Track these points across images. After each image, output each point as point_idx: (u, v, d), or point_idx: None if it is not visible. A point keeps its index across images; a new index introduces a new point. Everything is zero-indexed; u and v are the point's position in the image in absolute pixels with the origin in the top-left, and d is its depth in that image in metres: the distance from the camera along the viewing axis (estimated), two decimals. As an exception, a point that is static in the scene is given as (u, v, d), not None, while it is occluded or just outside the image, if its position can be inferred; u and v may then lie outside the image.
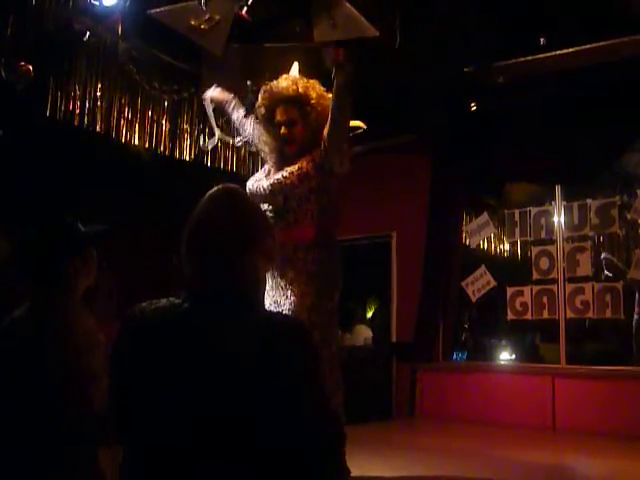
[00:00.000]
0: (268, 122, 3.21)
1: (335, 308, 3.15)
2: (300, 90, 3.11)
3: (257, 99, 3.30)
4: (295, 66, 3.49)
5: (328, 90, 3.15)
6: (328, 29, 3.65)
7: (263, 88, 3.21)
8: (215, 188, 1.52)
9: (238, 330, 1.34)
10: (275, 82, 3.19)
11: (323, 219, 3.14)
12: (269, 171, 3.24)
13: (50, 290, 1.91)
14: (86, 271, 1.98)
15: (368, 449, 4.45)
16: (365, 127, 3.50)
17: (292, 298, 3.01)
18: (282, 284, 3.08)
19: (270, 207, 3.07)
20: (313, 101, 3.11)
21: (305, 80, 3.23)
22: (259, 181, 3.17)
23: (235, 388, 1.28)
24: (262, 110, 3.21)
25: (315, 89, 3.16)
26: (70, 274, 1.92)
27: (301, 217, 3.07)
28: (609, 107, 5.65)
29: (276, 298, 3.08)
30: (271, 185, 3.07)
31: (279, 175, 3.07)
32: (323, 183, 3.11)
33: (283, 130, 3.12)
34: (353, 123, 3.37)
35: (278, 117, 3.14)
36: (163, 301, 1.42)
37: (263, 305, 1.42)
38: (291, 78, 3.20)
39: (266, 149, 3.30)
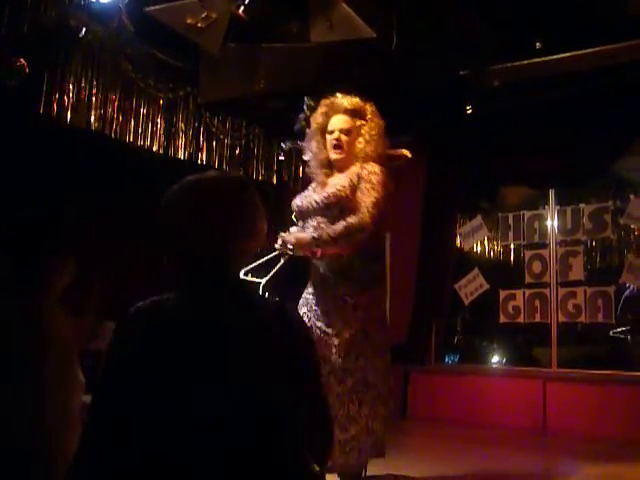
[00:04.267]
0: (321, 131, 3.28)
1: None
2: (359, 102, 3.28)
3: (311, 113, 3.42)
4: None
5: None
6: (325, 30, 3.66)
7: (324, 100, 3.34)
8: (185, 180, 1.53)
9: (237, 313, 1.44)
10: (336, 95, 3.33)
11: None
12: (317, 187, 3.29)
13: (27, 288, 1.90)
14: (63, 270, 1.97)
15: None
16: (410, 156, 3.62)
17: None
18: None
19: (324, 220, 3.12)
20: (368, 115, 3.26)
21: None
22: (308, 197, 3.23)
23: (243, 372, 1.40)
24: (318, 118, 3.29)
25: (371, 106, 3.32)
26: (47, 273, 1.92)
27: None
28: (603, 111, 5.67)
29: (327, 308, 3.19)
30: (326, 198, 3.12)
31: (333, 188, 3.13)
32: None
33: (336, 135, 3.21)
34: (396, 152, 3.54)
35: (332, 125, 3.24)
36: (163, 297, 1.45)
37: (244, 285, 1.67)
38: (348, 95, 3.34)
39: (314, 162, 3.33)
